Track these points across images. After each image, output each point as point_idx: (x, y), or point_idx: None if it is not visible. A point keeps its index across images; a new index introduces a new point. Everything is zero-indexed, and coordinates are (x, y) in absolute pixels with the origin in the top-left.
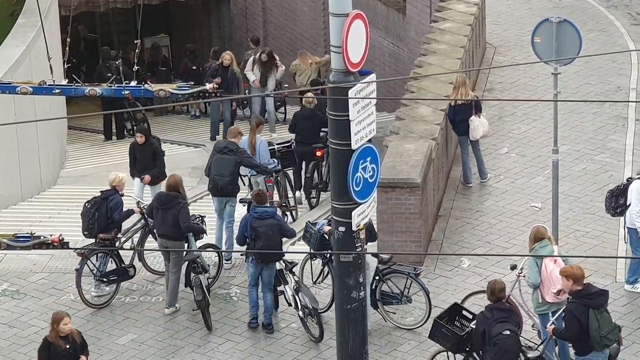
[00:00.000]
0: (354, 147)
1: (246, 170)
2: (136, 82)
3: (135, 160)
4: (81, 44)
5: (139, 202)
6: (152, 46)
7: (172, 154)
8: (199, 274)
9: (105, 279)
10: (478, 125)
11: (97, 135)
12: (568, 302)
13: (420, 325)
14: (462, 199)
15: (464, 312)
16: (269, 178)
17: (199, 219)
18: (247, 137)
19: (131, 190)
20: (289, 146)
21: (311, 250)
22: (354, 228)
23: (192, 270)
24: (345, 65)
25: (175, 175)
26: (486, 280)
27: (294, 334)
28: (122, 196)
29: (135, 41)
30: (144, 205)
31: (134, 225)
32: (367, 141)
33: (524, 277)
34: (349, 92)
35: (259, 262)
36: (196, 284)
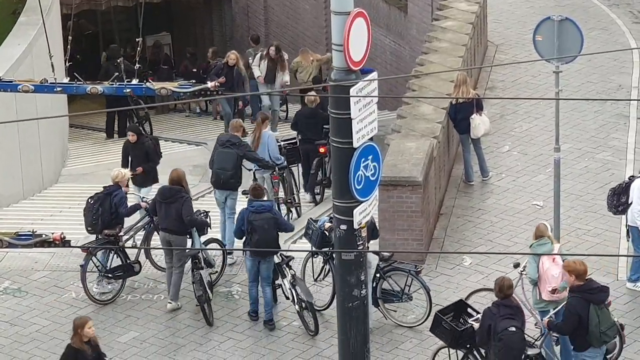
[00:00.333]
0: (355, 145)
1: (251, 165)
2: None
3: (129, 158)
4: (82, 42)
5: (143, 198)
6: (154, 44)
7: (174, 152)
8: (199, 270)
9: (110, 275)
10: (479, 123)
11: (99, 134)
12: (569, 296)
13: (421, 323)
14: (463, 197)
15: (469, 310)
16: (274, 174)
17: (203, 214)
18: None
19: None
20: (294, 143)
21: (313, 248)
22: (356, 226)
23: (193, 265)
24: (347, 63)
25: (178, 169)
26: (487, 279)
27: (295, 332)
28: (126, 194)
29: (137, 39)
30: (147, 200)
31: (137, 222)
32: (369, 139)
33: (526, 275)
34: (351, 91)
35: (256, 256)
36: (196, 279)
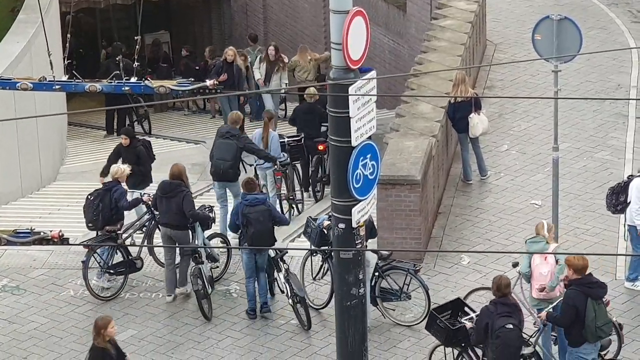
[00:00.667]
0: (354, 144)
1: (252, 160)
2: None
3: (119, 159)
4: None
5: (145, 193)
6: (153, 42)
7: (172, 150)
8: (198, 264)
9: (112, 271)
10: (477, 122)
11: (97, 131)
12: (567, 289)
13: (419, 322)
14: (462, 196)
15: (465, 309)
16: (277, 171)
17: (208, 209)
18: (260, 132)
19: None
20: (298, 140)
21: (311, 246)
22: (354, 225)
23: (192, 260)
24: (346, 62)
25: (179, 164)
26: (486, 277)
27: (293, 330)
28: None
29: (136, 37)
30: (148, 195)
31: (138, 219)
32: (367, 138)
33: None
34: (349, 89)
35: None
36: (193, 274)
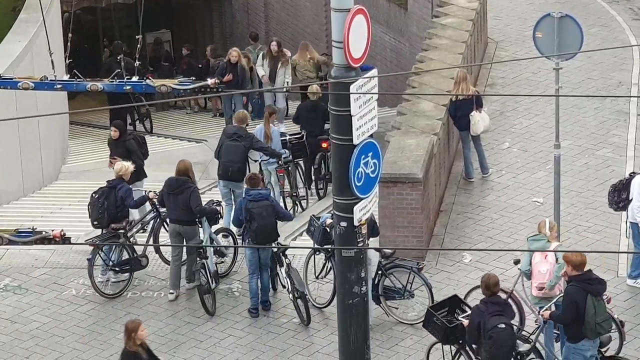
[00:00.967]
0: (355, 142)
1: (257, 156)
2: (138, 77)
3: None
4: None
5: (148, 191)
6: (154, 41)
7: (174, 149)
8: (203, 259)
9: (117, 269)
10: (479, 120)
11: (99, 131)
12: (567, 285)
13: (422, 321)
14: (463, 194)
15: (462, 306)
16: (280, 168)
17: (215, 203)
18: (261, 127)
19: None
20: (300, 137)
21: (314, 245)
22: (356, 223)
23: (197, 255)
24: (347, 60)
25: (185, 160)
26: None
27: (295, 329)
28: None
29: (137, 36)
30: (153, 192)
31: (144, 217)
32: (369, 136)
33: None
34: (351, 88)
35: (255, 244)
36: (198, 268)
